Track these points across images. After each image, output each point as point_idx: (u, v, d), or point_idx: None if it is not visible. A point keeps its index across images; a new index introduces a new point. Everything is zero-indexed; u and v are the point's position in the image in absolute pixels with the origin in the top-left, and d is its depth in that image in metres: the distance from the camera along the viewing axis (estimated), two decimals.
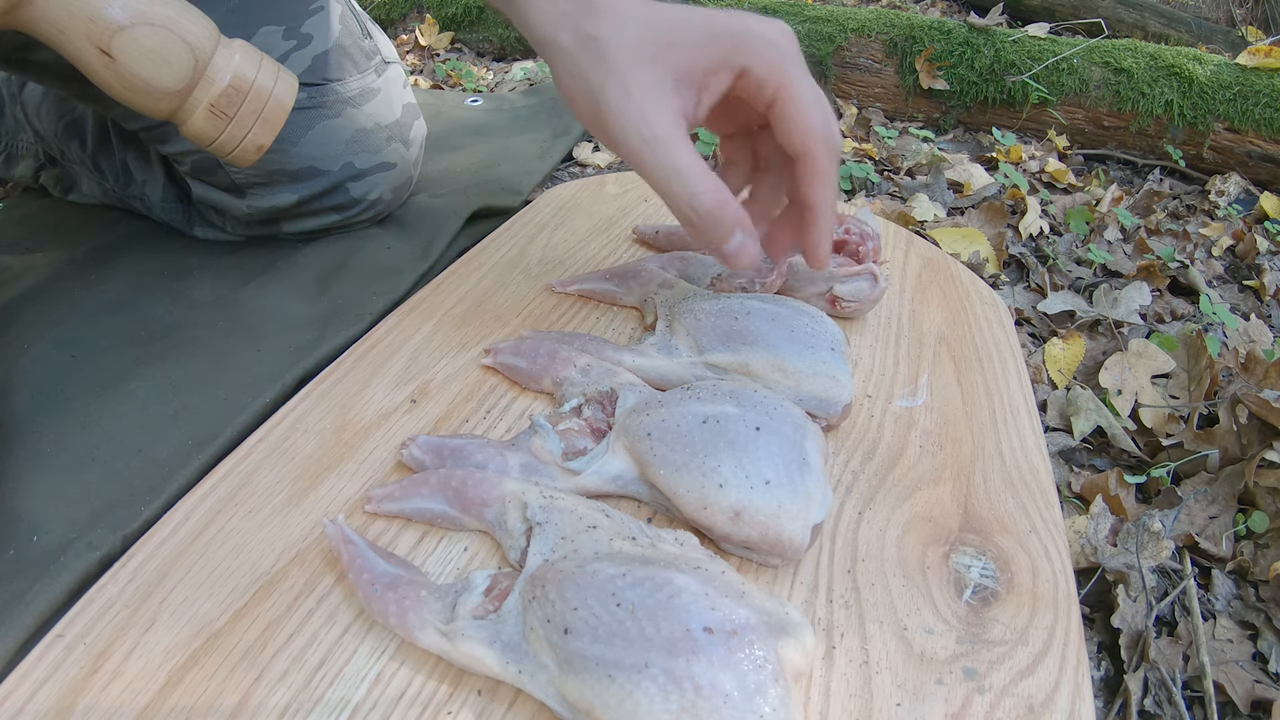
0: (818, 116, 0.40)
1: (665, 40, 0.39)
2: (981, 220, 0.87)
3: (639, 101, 0.39)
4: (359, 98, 0.62)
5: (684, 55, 0.39)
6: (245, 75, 0.46)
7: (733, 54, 0.39)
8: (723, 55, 0.39)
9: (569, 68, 0.41)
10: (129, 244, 0.67)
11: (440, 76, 1.27)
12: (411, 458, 0.41)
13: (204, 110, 0.45)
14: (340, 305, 0.57)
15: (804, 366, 0.44)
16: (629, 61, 0.39)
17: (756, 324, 0.45)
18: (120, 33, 0.42)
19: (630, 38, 0.39)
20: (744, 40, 0.39)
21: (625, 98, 0.39)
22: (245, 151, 0.48)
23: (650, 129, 0.39)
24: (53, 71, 0.57)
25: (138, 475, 0.43)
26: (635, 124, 0.39)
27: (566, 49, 0.41)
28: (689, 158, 0.39)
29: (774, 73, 0.39)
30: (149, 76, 0.43)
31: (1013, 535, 0.41)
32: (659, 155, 0.39)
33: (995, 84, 1.09)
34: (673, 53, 0.39)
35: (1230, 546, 0.52)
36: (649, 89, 0.39)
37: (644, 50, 0.39)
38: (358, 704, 0.31)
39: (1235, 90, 1.01)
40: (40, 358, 0.52)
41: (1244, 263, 0.88)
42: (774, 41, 0.39)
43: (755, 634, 0.28)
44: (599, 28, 0.39)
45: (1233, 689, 0.44)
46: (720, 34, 0.39)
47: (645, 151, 0.39)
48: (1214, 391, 0.63)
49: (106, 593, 0.35)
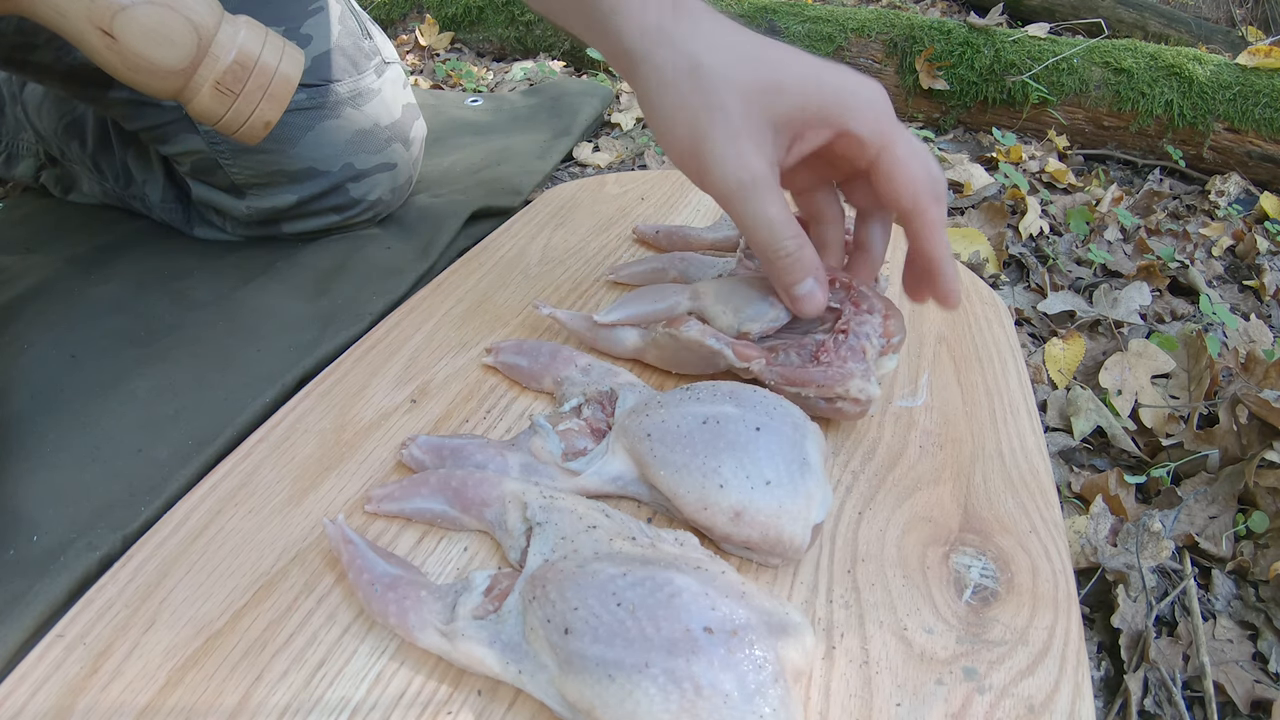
0: (923, 172, 0.39)
1: (771, 83, 0.38)
2: (981, 220, 0.87)
3: (743, 143, 0.38)
4: (359, 98, 0.62)
5: (788, 103, 0.38)
6: (250, 51, 0.45)
7: (835, 113, 0.39)
8: (825, 113, 0.39)
9: (665, 91, 0.39)
10: (129, 244, 0.67)
11: (440, 76, 1.27)
12: (411, 458, 0.41)
13: (209, 88, 0.45)
14: (340, 305, 0.57)
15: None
16: (737, 99, 0.38)
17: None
18: (121, 12, 0.41)
19: (738, 73, 0.38)
20: (846, 99, 0.39)
21: (731, 137, 0.38)
22: (253, 128, 0.48)
23: (750, 174, 0.38)
24: (52, 71, 0.57)
25: (138, 475, 0.43)
26: (736, 167, 0.38)
27: (663, 69, 0.39)
28: (780, 208, 0.39)
29: (876, 134, 0.39)
30: (152, 55, 0.43)
31: (1013, 535, 0.41)
32: (754, 202, 0.39)
33: (995, 84, 1.09)
34: (778, 98, 0.38)
35: (1230, 546, 0.52)
36: (753, 131, 0.38)
37: (751, 89, 0.38)
38: (358, 704, 0.31)
39: (1235, 90, 1.01)
40: (40, 358, 0.52)
41: (1244, 263, 0.88)
42: (874, 102, 0.39)
43: (755, 634, 0.28)
44: (704, 53, 0.38)
45: (1233, 689, 0.44)
46: (824, 89, 0.39)
47: (741, 196, 0.39)
48: (1214, 391, 0.63)
49: (106, 593, 0.35)
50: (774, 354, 0.44)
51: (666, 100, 0.39)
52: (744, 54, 0.39)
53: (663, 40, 0.39)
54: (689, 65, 0.38)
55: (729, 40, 0.39)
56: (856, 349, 0.43)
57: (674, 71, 0.39)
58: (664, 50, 0.39)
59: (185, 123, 0.59)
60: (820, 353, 0.43)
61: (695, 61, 0.38)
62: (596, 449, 0.40)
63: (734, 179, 0.39)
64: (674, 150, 0.41)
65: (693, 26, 0.39)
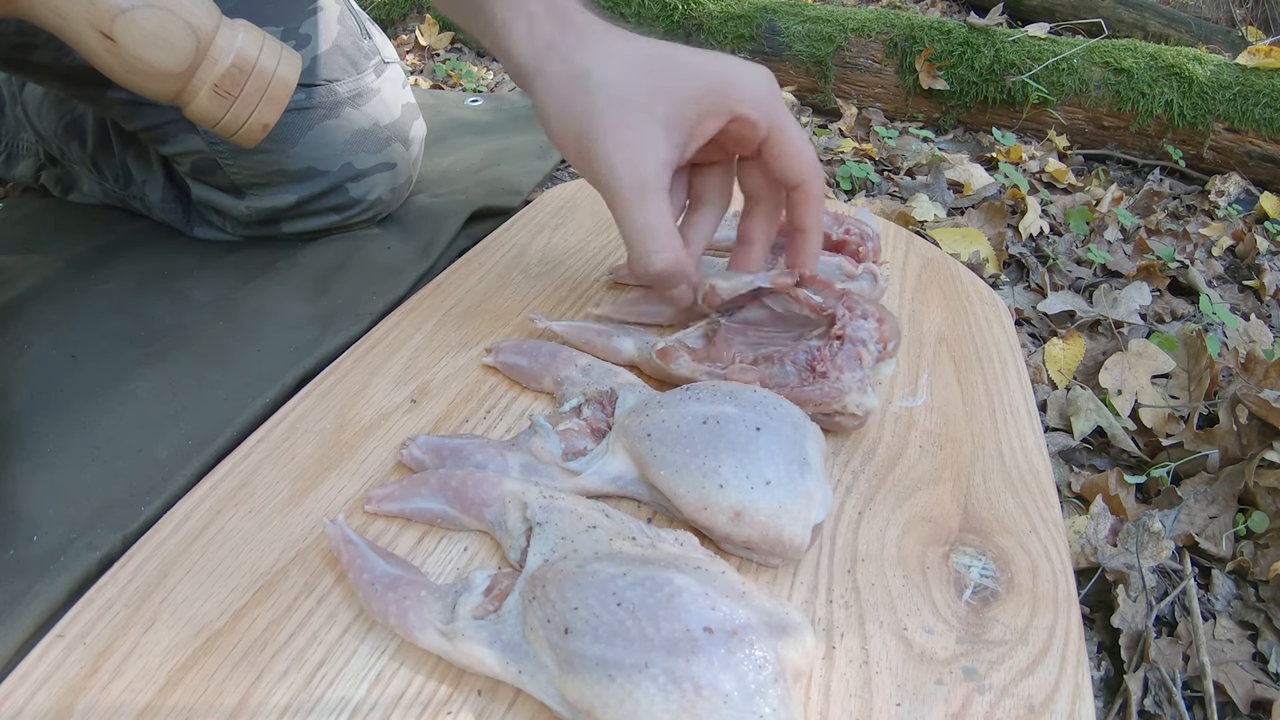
0: (808, 149, 0.43)
1: (658, 85, 0.40)
2: (981, 220, 0.87)
3: (630, 149, 0.39)
4: (358, 98, 0.62)
5: (677, 101, 0.40)
6: (248, 54, 0.46)
7: (724, 101, 0.41)
8: (715, 103, 0.40)
9: (556, 101, 0.41)
10: (129, 244, 0.67)
11: (440, 76, 1.27)
12: (411, 458, 0.41)
13: (208, 91, 0.45)
14: (340, 305, 0.57)
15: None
16: (622, 104, 0.39)
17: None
18: (121, 15, 0.41)
19: (624, 79, 0.40)
20: (734, 87, 0.41)
21: (617, 143, 0.39)
22: (251, 131, 0.48)
23: (637, 178, 0.40)
24: (52, 72, 0.57)
25: (138, 475, 0.43)
26: (622, 172, 0.40)
27: (554, 81, 0.41)
28: (658, 215, 0.41)
29: (765, 116, 0.41)
30: (151, 59, 0.43)
31: (1013, 535, 0.41)
32: (634, 207, 0.40)
33: (995, 84, 1.09)
34: (666, 99, 0.40)
35: (1230, 546, 0.52)
36: (641, 136, 0.40)
37: (638, 94, 0.39)
38: (358, 704, 0.31)
39: (1235, 90, 1.01)
40: (40, 358, 0.52)
41: (1244, 263, 0.88)
42: (761, 84, 0.41)
43: (755, 634, 0.28)
44: (591, 62, 0.40)
45: (1233, 689, 0.44)
46: (712, 82, 0.40)
47: (624, 200, 0.40)
48: (1214, 391, 0.63)
49: (106, 593, 0.35)
50: (770, 363, 0.44)
51: (556, 109, 0.41)
52: (631, 61, 0.40)
53: (552, 55, 0.41)
54: (577, 75, 0.40)
55: (617, 49, 0.40)
56: (853, 356, 0.43)
57: (563, 82, 0.40)
58: (553, 64, 0.41)
59: (185, 123, 0.59)
60: (816, 362, 0.43)
61: (583, 70, 0.40)
62: (596, 449, 0.40)
63: (618, 184, 0.40)
64: (568, 156, 0.42)
65: (580, 39, 0.40)
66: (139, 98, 0.57)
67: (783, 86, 1.31)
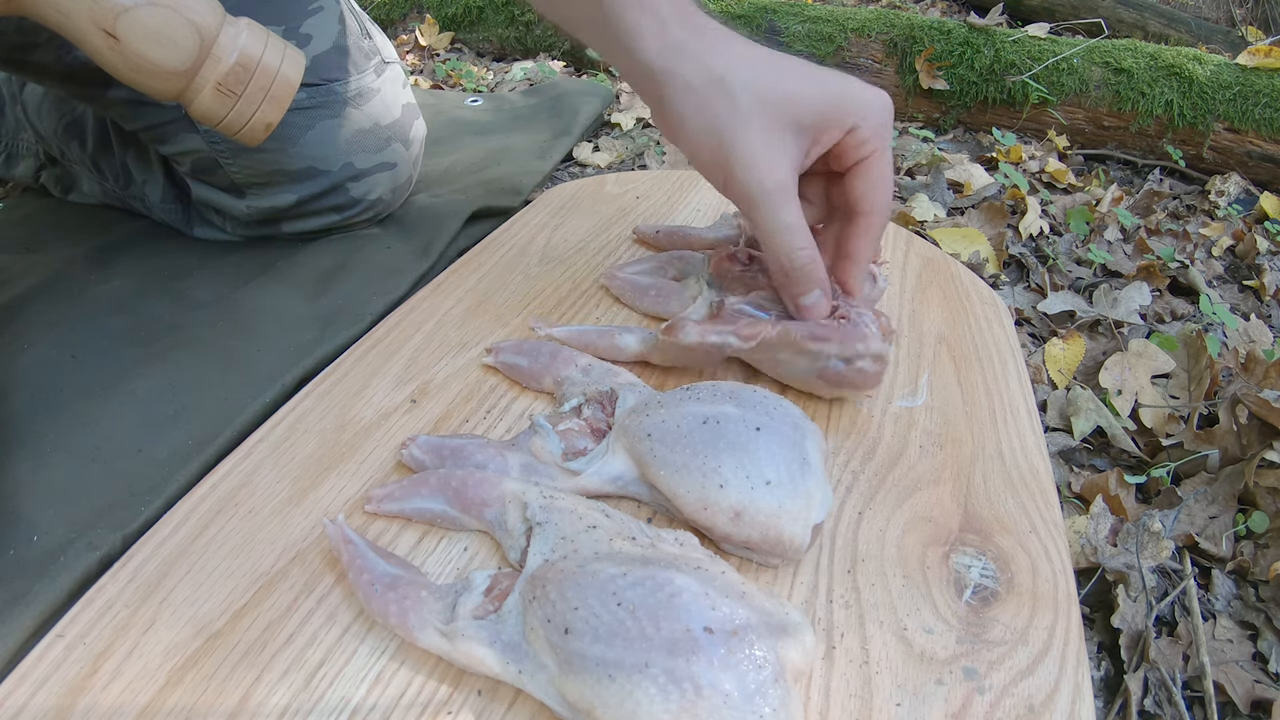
0: (890, 186, 0.43)
1: (791, 91, 0.40)
2: (981, 220, 0.87)
3: (765, 153, 0.40)
4: (358, 98, 0.62)
5: (806, 108, 0.41)
6: (252, 53, 0.45)
7: (847, 114, 0.41)
8: (839, 115, 0.41)
9: (693, 103, 0.41)
10: (129, 244, 0.67)
11: (440, 76, 1.27)
12: (411, 458, 0.41)
13: (211, 89, 0.45)
14: (340, 305, 0.57)
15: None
16: (759, 108, 0.40)
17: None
18: (124, 14, 0.41)
19: (760, 83, 0.40)
20: (857, 103, 0.41)
21: (755, 146, 0.40)
22: (254, 130, 0.48)
23: (774, 180, 0.41)
24: (52, 71, 0.57)
25: (138, 475, 0.43)
26: (761, 174, 0.40)
27: (690, 82, 0.41)
28: (797, 215, 0.41)
29: (874, 137, 0.42)
30: (155, 57, 0.43)
31: (1013, 535, 0.41)
32: (775, 208, 0.41)
33: (995, 84, 1.09)
34: (795, 105, 0.40)
35: (1230, 546, 0.52)
36: (774, 140, 0.41)
37: (773, 98, 0.40)
38: (358, 704, 0.31)
39: (1235, 90, 1.01)
40: (40, 358, 0.52)
41: (1244, 263, 0.88)
42: (880, 107, 0.42)
43: (755, 634, 0.28)
44: (727, 66, 0.40)
45: (1233, 689, 0.44)
46: (836, 92, 0.41)
47: (764, 201, 0.41)
48: (1214, 391, 0.63)
49: (106, 593, 0.35)
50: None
51: (691, 111, 0.41)
52: (763, 66, 0.41)
53: (684, 56, 0.41)
54: (714, 77, 0.40)
55: (747, 54, 0.41)
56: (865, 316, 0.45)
57: (700, 83, 0.41)
58: (688, 65, 0.41)
59: (185, 122, 0.59)
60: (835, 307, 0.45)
61: (718, 74, 0.40)
62: (596, 449, 0.40)
63: (758, 185, 0.41)
64: (699, 158, 0.43)
65: (712, 43, 0.41)
66: (139, 97, 0.57)
67: None
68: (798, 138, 0.41)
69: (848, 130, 0.42)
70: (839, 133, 0.42)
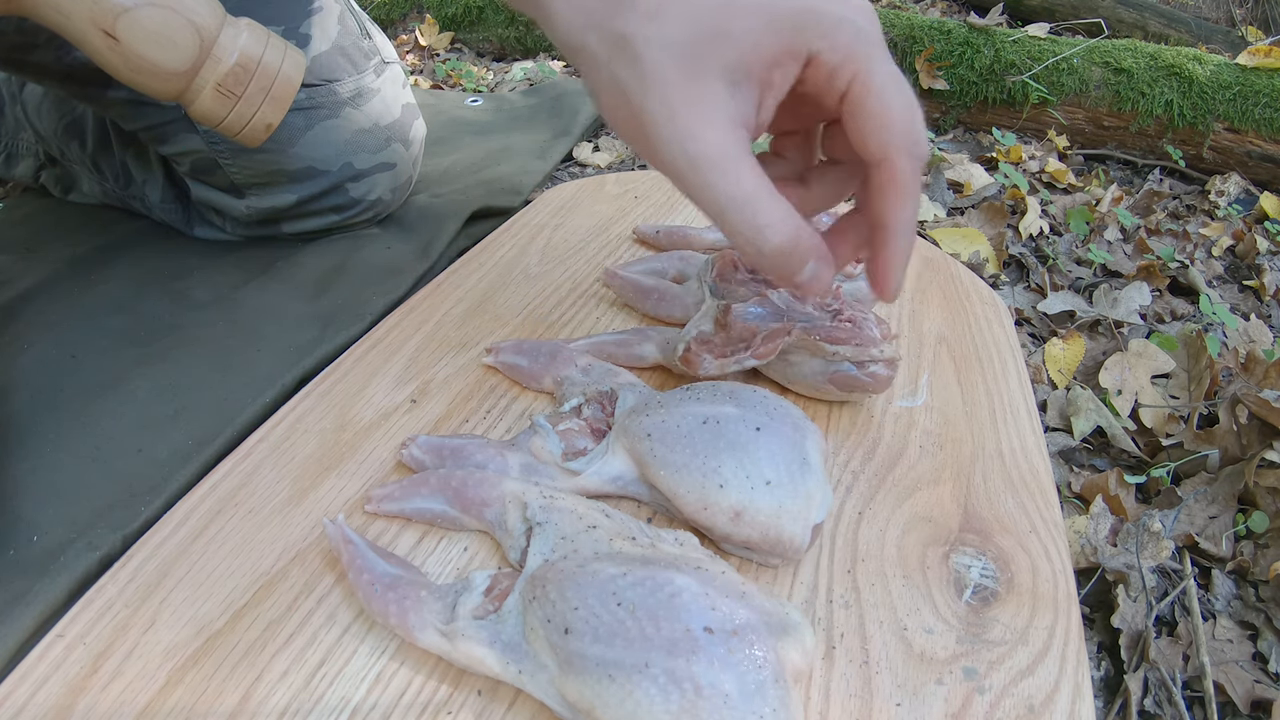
0: (901, 112, 0.32)
1: (713, 30, 0.32)
2: (981, 220, 0.87)
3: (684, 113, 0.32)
4: (358, 98, 0.62)
5: (738, 46, 0.32)
6: (252, 54, 0.45)
7: (797, 38, 0.31)
8: (787, 41, 0.32)
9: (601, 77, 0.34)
10: (129, 244, 0.67)
11: (440, 76, 1.27)
12: (411, 458, 0.41)
13: (211, 90, 0.45)
14: (340, 305, 0.57)
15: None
16: (670, 62, 0.32)
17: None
18: (124, 14, 0.41)
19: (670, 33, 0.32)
20: (810, 19, 0.31)
21: (667, 109, 0.32)
22: (254, 130, 0.48)
23: (700, 147, 0.32)
24: (51, 72, 0.57)
25: (138, 475, 0.43)
26: (681, 142, 0.32)
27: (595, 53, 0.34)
28: (751, 181, 0.32)
29: (849, 58, 0.31)
30: (155, 58, 0.43)
31: (1013, 535, 0.41)
32: (713, 180, 0.32)
33: (995, 84, 1.09)
34: (724, 45, 0.32)
35: (1230, 546, 0.52)
36: (696, 95, 0.32)
37: (688, 46, 0.32)
38: (358, 704, 0.31)
39: (1235, 90, 1.01)
40: (40, 358, 0.52)
41: (1244, 263, 0.88)
42: (847, 19, 0.31)
43: (755, 634, 0.28)
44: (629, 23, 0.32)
45: (1233, 689, 0.44)
46: (780, 15, 0.31)
47: (695, 175, 0.32)
48: (1214, 391, 0.63)
49: (106, 593, 0.35)
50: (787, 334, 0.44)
51: (605, 90, 0.34)
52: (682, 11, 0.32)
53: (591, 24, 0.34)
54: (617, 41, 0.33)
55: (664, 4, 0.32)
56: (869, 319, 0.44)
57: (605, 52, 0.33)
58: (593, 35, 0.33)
59: (184, 123, 0.59)
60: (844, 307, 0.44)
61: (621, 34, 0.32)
62: (596, 449, 0.40)
63: (682, 158, 0.32)
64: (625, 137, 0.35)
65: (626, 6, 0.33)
66: (139, 98, 0.57)
67: None
68: (735, 86, 0.32)
69: (804, 61, 0.32)
70: (794, 65, 0.32)
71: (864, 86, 0.31)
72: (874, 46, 0.32)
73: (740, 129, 0.32)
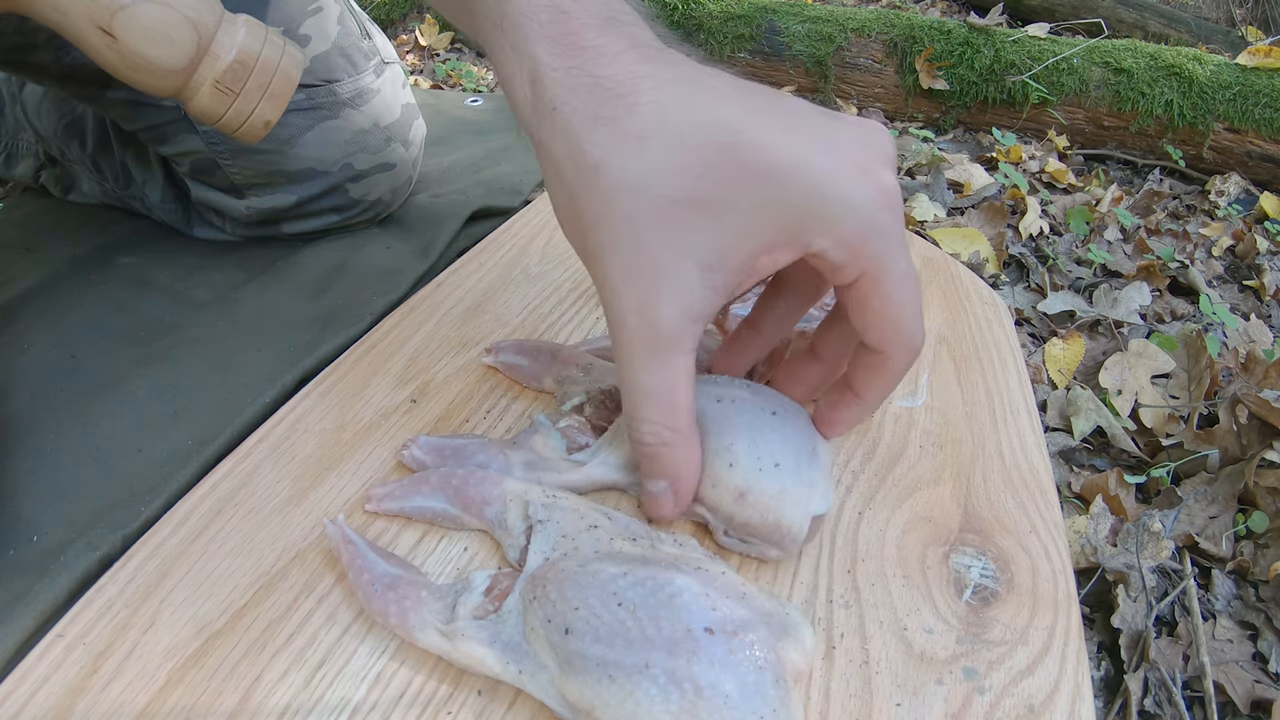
0: (909, 315, 0.30)
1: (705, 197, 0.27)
2: (981, 220, 0.87)
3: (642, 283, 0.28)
4: (358, 98, 0.62)
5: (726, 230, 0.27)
6: (250, 50, 0.45)
7: (799, 228, 0.27)
8: (786, 231, 0.27)
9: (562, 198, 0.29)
10: (129, 244, 0.67)
11: (440, 76, 1.27)
12: (412, 458, 0.41)
13: (209, 87, 0.45)
14: (340, 305, 0.57)
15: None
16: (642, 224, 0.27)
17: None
18: (121, 11, 0.41)
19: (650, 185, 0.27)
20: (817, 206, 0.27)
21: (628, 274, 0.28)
22: (253, 127, 0.48)
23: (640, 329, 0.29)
24: (51, 72, 0.57)
25: (138, 475, 0.43)
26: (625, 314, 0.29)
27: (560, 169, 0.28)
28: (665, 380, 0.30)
29: (857, 257, 0.28)
30: (152, 55, 0.43)
31: (1013, 535, 0.41)
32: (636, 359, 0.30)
33: (995, 84, 1.09)
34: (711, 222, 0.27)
35: (1230, 546, 0.52)
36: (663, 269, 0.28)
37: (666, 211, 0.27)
38: (358, 704, 0.31)
39: (1235, 90, 1.01)
40: (40, 358, 0.52)
41: (1244, 263, 0.88)
42: (857, 209, 0.27)
43: (756, 634, 0.28)
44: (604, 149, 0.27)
45: (1233, 689, 0.44)
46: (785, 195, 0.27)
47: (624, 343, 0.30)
48: (1214, 391, 0.63)
49: (106, 593, 0.35)
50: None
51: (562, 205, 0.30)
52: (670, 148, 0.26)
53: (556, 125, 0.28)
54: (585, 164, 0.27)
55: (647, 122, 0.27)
56: None
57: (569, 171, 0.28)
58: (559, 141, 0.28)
59: (184, 123, 0.59)
60: None
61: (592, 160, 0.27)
62: (602, 439, 0.40)
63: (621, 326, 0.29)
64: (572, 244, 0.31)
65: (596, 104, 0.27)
66: (138, 98, 0.57)
67: (782, 87, 1.31)
68: (708, 272, 0.28)
69: (805, 251, 0.28)
70: (788, 255, 0.28)
71: (872, 285, 0.28)
72: (887, 241, 0.28)
73: (694, 321, 0.29)
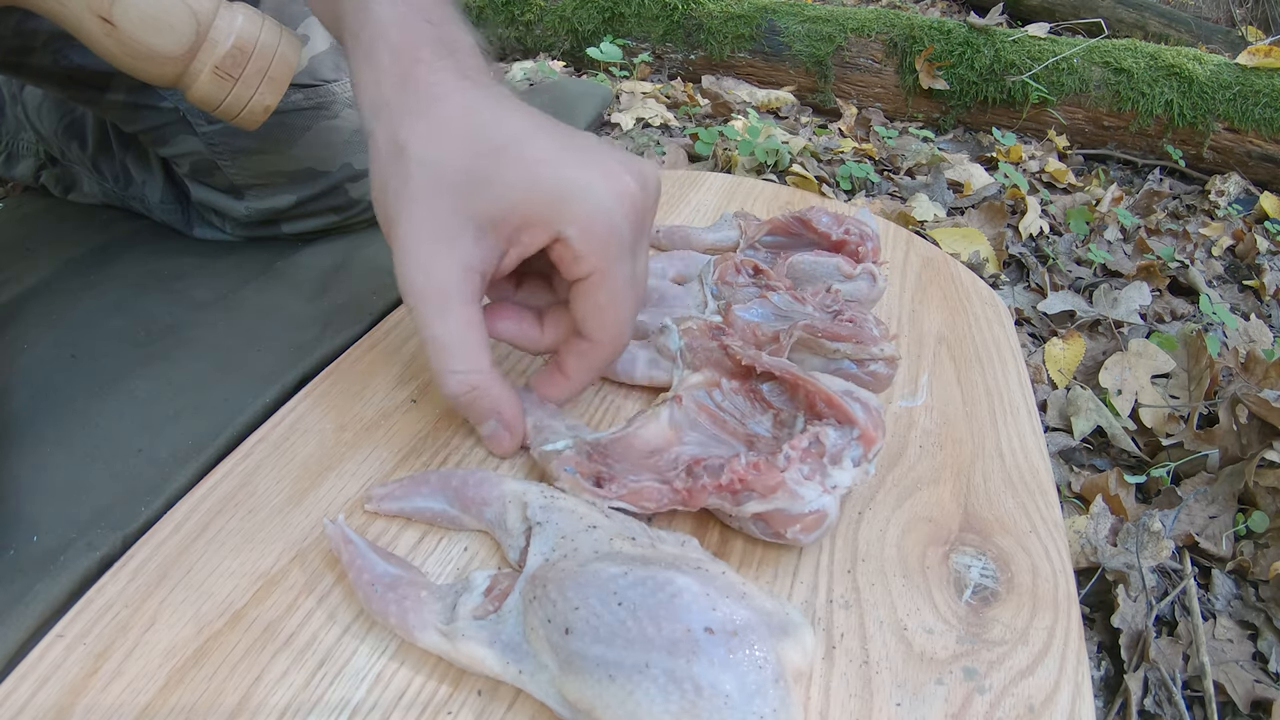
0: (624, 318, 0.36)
1: (481, 175, 0.33)
2: (981, 220, 0.87)
3: (427, 245, 0.34)
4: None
5: (496, 202, 0.33)
6: (248, 35, 0.45)
7: (551, 214, 0.33)
8: (541, 212, 0.34)
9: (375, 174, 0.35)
10: (129, 244, 0.67)
11: None
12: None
13: (209, 73, 0.45)
14: (340, 305, 0.57)
15: None
16: (431, 191, 0.33)
17: None
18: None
19: (443, 160, 0.33)
20: (569, 195, 0.33)
21: (414, 235, 0.34)
22: (252, 113, 0.48)
23: (426, 281, 0.34)
24: (50, 74, 0.57)
25: (138, 475, 0.43)
26: (413, 271, 0.34)
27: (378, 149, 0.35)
28: (457, 328, 0.34)
29: (592, 253, 0.34)
30: (151, 42, 0.43)
31: (1013, 535, 0.41)
32: (427, 315, 0.34)
33: (995, 84, 1.09)
34: (484, 194, 0.33)
35: (1230, 546, 0.52)
36: (444, 232, 0.34)
37: (453, 184, 0.33)
38: (358, 704, 0.31)
39: (1235, 90, 1.01)
40: (40, 358, 0.52)
41: (1244, 263, 0.88)
42: (604, 210, 0.33)
43: (756, 634, 0.28)
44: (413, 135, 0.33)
45: (1233, 689, 0.44)
46: (545, 187, 0.33)
47: (414, 304, 0.35)
48: (1214, 391, 0.63)
49: (106, 593, 0.35)
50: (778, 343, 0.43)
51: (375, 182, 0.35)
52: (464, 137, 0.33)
53: (382, 115, 0.35)
54: (396, 145, 0.34)
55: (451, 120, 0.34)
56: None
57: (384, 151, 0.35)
58: (382, 127, 0.35)
59: (183, 124, 0.59)
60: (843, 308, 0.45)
61: (401, 142, 0.34)
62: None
63: (407, 285, 0.34)
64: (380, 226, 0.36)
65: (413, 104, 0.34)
66: (137, 100, 0.57)
67: (782, 87, 1.31)
68: (481, 234, 0.34)
69: (553, 237, 0.34)
70: (543, 235, 0.34)
71: (600, 282, 0.34)
72: (623, 247, 0.34)
73: (474, 274, 0.34)
